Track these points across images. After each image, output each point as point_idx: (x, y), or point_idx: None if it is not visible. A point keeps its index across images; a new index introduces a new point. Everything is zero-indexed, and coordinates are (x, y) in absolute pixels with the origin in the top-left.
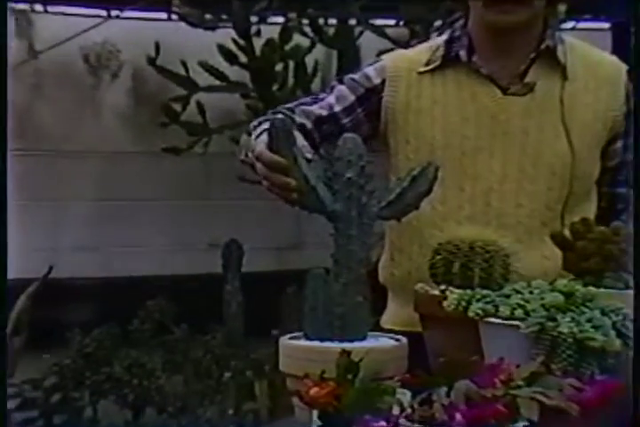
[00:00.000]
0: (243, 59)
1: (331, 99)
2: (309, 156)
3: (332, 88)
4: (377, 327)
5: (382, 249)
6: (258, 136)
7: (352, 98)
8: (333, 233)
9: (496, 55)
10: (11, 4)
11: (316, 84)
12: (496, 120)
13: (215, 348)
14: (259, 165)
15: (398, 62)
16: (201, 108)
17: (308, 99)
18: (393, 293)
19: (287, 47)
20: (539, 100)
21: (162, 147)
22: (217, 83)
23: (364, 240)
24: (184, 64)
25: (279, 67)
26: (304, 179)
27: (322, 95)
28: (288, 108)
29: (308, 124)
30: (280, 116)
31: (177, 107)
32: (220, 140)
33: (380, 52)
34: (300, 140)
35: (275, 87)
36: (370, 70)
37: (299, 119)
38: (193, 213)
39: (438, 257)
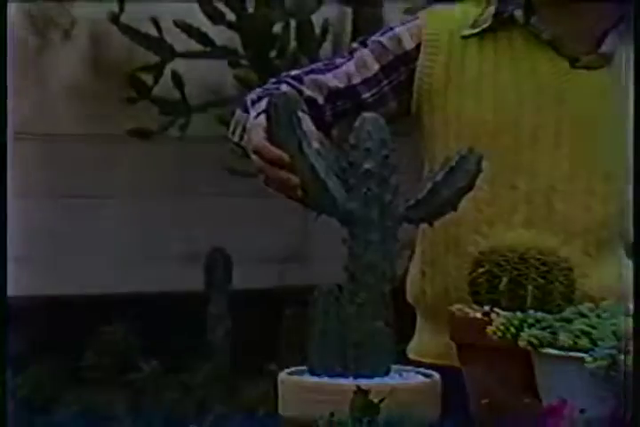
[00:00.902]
0: (231, 17)
1: (349, 66)
2: (318, 146)
3: (352, 52)
4: (403, 359)
5: (410, 261)
6: (257, 116)
7: (376, 67)
8: (348, 239)
9: (563, 16)
10: None
11: (325, 51)
12: (561, 100)
13: (195, 388)
14: (255, 157)
15: (437, 22)
16: (178, 80)
17: (320, 64)
18: (424, 316)
19: (288, 2)
20: (617, 74)
21: (127, 129)
22: (198, 47)
23: (387, 249)
24: (156, 23)
25: (278, 27)
26: (311, 171)
27: (338, 60)
28: (294, 77)
29: (319, 99)
30: (284, 86)
31: (147, 78)
32: (202, 120)
33: (409, 10)
34: (308, 123)
35: (272, 54)
36: (402, 31)
37: (307, 91)
38: (166, 213)
39: (481, 270)
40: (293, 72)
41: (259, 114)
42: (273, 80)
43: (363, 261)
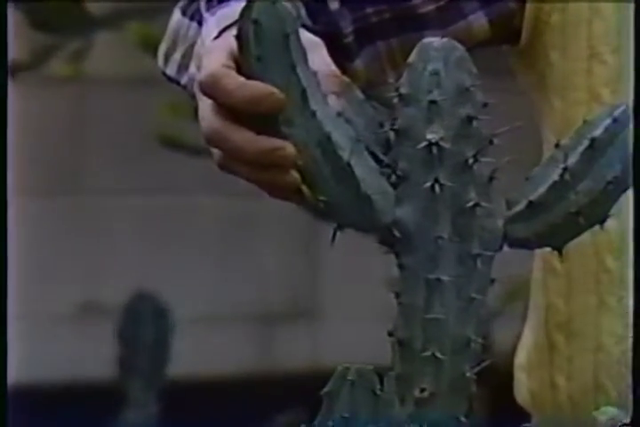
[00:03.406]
0: None
1: None
2: (337, 100)
3: None
4: None
5: (524, 322)
6: (220, 34)
7: None
8: (397, 280)
9: None
10: None
11: None
12: None
13: None
14: (205, 104)
15: None
16: None
17: None
18: None
19: None
20: None
21: None
22: None
23: (472, 296)
24: None
25: None
26: (326, 147)
27: None
28: None
29: (331, 1)
30: None
31: None
32: (113, 45)
33: None
34: (321, 55)
35: None
36: None
37: None
38: (47, 226)
39: None
40: None
41: (222, 31)
42: None
43: (425, 319)
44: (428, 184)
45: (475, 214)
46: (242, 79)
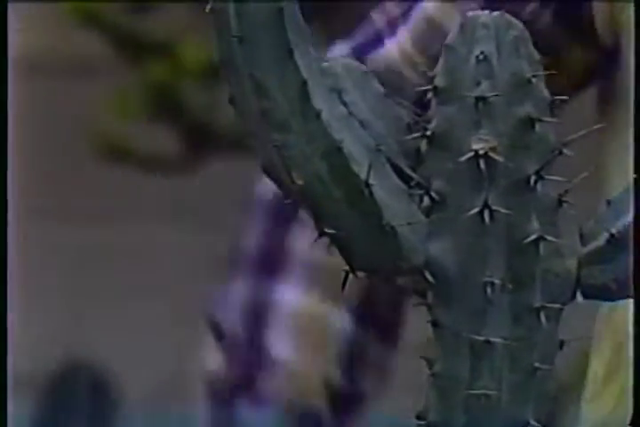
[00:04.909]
0: None
1: None
2: (351, 91)
3: None
4: None
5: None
6: None
7: None
8: (431, 342)
9: None
10: None
11: None
12: None
13: None
14: None
15: None
16: None
17: None
18: None
19: None
20: None
21: None
22: None
23: (533, 364)
24: None
25: None
26: (333, 158)
27: None
28: None
29: None
30: None
31: None
32: (44, 21)
33: None
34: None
35: None
36: None
37: None
38: None
39: None
40: None
41: None
42: None
43: (468, 396)
44: (475, 211)
45: (537, 252)
46: None
